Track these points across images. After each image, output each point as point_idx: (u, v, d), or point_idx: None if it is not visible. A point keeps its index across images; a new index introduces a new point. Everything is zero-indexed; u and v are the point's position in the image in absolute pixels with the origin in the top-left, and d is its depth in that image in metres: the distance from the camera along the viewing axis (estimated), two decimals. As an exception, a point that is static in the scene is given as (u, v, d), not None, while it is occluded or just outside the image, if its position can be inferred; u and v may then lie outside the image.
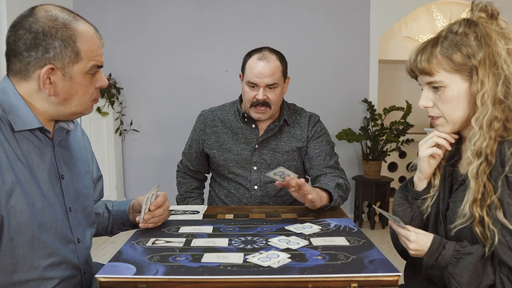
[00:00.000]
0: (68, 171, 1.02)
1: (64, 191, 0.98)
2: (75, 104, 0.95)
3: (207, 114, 1.69)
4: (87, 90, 0.95)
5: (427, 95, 0.99)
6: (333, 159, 1.60)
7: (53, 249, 0.92)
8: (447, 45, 0.93)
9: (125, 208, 1.21)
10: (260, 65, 1.50)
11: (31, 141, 0.93)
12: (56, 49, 0.88)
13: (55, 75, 0.90)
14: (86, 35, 0.92)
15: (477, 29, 0.92)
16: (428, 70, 0.95)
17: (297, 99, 1.93)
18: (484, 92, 0.90)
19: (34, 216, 0.88)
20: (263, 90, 1.51)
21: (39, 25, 0.88)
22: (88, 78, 0.94)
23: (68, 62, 0.90)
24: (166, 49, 3.68)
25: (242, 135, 1.62)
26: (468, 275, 0.87)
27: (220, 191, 1.67)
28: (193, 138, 1.70)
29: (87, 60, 0.92)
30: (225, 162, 1.61)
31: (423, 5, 3.88)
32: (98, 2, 3.62)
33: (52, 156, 0.97)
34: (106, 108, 3.48)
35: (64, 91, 0.92)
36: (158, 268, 0.83)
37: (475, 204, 0.90)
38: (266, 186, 1.59)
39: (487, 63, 0.90)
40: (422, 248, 0.94)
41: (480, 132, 0.91)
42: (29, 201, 0.88)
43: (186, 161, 1.75)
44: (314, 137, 1.63)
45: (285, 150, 1.60)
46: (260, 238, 1.02)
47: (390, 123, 3.60)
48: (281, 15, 3.69)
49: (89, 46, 0.92)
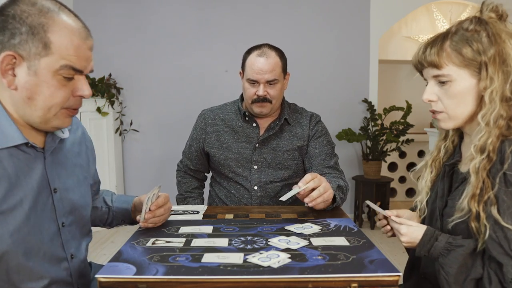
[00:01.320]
0: (62, 183, 0.94)
1: (56, 206, 0.91)
2: (40, 106, 0.82)
3: (208, 113, 1.69)
4: (55, 93, 0.81)
5: (432, 89, 0.98)
6: (333, 160, 1.61)
7: (42, 273, 0.87)
8: (458, 39, 0.93)
9: (127, 206, 1.20)
10: (260, 62, 1.51)
11: (16, 158, 0.83)
12: (22, 35, 0.77)
13: (19, 67, 0.79)
14: (64, 28, 0.80)
15: (488, 27, 0.93)
16: (437, 62, 0.94)
17: (297, 99, 1.93)
18: (493, 89, 0.90)
19: (18, 244, 0.81)
20: (263, 86, 1.52)
21: (14, 8, 0.78)
22: (59, 80, 0.81)
23: (34, 53, 0.78)
24: (166, 49, 3.68)
25: (243, 133, 1.62)
26: (457, 266, 0.88)
27: (220, 191, 1.67)
28: (193, 137, 1.71)
29: (58, 57, 0.79)
30: (226, 161, 1.61)
31: (423, 5, 3.88)
32: (98, 2, 3.62)
33: (43, 169, 0.88)
34: (106, 108, 3.48)
35: (27, 87, 0.80)
36: (158, 268, 0.83)
37: (473, 199, 0.90)
38: (266, 187, 1.59)
39: (497, 60, 0.91)
40: (414, 240, 0.95)
41: (486, 128, 0.91)
42: (12, 228, 0.80)
43: (186, 160, 1.75)
44: (315, 137, 1.63)
45: (285, 149, 1.61)
46: (260, 238, 1.02)
47: (390, 123, 3.60)
48: (281, 15, 3.69)
49: (63, 41, 0.79)
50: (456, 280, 0.88)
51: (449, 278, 0.89)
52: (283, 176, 1.60)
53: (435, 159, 1.11)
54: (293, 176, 1.62)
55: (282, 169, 1.60)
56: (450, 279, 0.89)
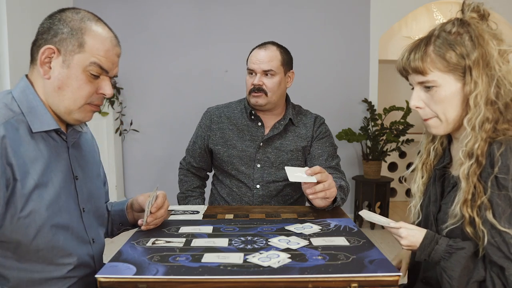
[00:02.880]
0: (82, 172, 1.03)
1: (78, 191, 0.99)
2: (68, 97, 0.93)
3: (213, 111, 1.70)
4: (82, 86, 0.93)
5: (419, 95, 0.97)
6: (335, 161, 1.62)
7: (71, 250, 0.94)
8: (441, 43, 0.92)
9: (122, 207, 1.21)
10: (258, 53, 1.58)
11: (48, 142, 0.94)
12: (63, 35, 0.91)
13: (55, 60, 0.91)
14: (98, 35, 0.94)
15: (470, 29, 0.92)
16: (422, 69, 0.94)
17: (297, 99, 1.93)
18: (478, 93, 0.90)
19: (52, 218, 0.90)
20: (259, 76, 1.56)
21: (61, 14, 0.93)
22: (87, 75, 0.93)
23: (70, 50, 0.91)
24: (166, 49, 3.68)
25: (248, 132, 1.63)
26: (459, 269, 0.88)
27: (222, 189, 1.67)
28: (198, 134, 1.71)
29: (89, 55, 0.92)
30: (229, 158, 1.62)
31: (423, 5, 3.88)
32: (98, 2, 3.62)
33: (67, 157, 0.98)
34: (106, 108, 3.48)
35: (59, 77, 0.91)
36: (158, 268, 0.83)
37: (465, 204, 0.90)
38: (268, 186, 1.60)
39: (480, 64, 0.90)
40: (414, 244, 0.94)
41: (472, 133, 0.91)
42: (47, 203, 0.89)
43: (190, 158, 1.75)
44: (318, 138, 1.64)
45: (289, 149, 1.61)
46: (260, 238, 1.02)
47: (390, 123, 3.60)
48: (281, 15, 3.69)
49: (96, 44, 0.93)
50: (459, 284, 0.88)
51: (453, 281, 0.88)
52: (285, 176, 1.60)
53: (425, 162, 1.10)
54: None
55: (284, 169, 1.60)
56: (453, 283, 0.88)
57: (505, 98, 0.91)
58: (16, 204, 0.85)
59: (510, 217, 0.85)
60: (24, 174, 0.86)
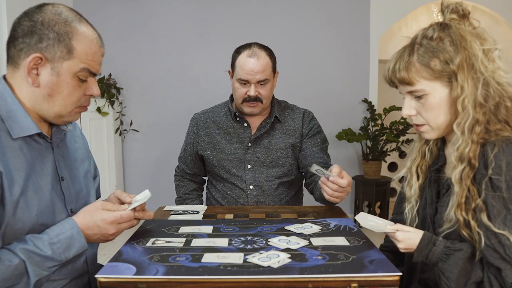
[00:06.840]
0: (68, 172, 1.01)
1: (64, 193, 0.98)
2: (58, 103, 0.92)
3: (199, 117, 1.70)
4: (73, 92, 0.92)
5: (410, 104, 0.98)
6: (328, 157, 1.63)
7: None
8: (423, 52, 0.92)
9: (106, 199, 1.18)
10: (251, 63, 1.52)
11: (31, 146, 0.92)
12: (49, 41, 0.88)
13: (43, 67, 0.89)
14: (85, 37, 0.92)
15: (451, 32, 0.91)
16: (408, 79, 0.94)
17: (297, 99, 1.94)
18: (465, 97, 0.90)
19: (41, 222, 0.89)
20: (254, 86, 1.54)
21: (41, 15, 0.89)
22: (76, 80, 0.92)
23: (59, 56, 0.89)
24: (166, 49, 3.68)
25: (235, 134, 1.63)
26: (457, 270, 0.88)
27: (217, 193, 1.67)
28: (187, 141, 1.72)
29: (79, 61, 0.91)
30: (220, 162, 1.62)
31: (423, 5, 3.88)
32: (98, 2, 3.62)
33: (52, 159, 0.97)
34: (106, 108, 3.48)
35: (49, 86, 0.90)
36: (158, 268, 0.83)
37: (459, 208, 0.90)
38: (261, 185, 1.60)
39: (465, 67, 0.90)
40: (411, 246, 0.94)
41: (462, 137, 0.90)
42: (35, 208, 0.88)
43: (183, 165, 1.75)
44: (309, 135, 1.64)
45: (278, 147, 1.61)
46: (260, 238, 1.02)
47: (390, 123, 3.60)
48: (281, 15, 3.69)
49: (84, 48, 0.91)
50: (457, 285, 0.88)
51: (451, 283, 0.88)
52: (277, 174, 1.61)
53: (420, 164, 1.09)
54: (288, 174, 1.63)
55: (275, 167, 1.61)
56: (451, 284, 0.88)
57: (495, 97, 0.90)
58: (5, 212, 0.83)
59: (505, 219, 0.85)
60: (10, 181, 0.84)
